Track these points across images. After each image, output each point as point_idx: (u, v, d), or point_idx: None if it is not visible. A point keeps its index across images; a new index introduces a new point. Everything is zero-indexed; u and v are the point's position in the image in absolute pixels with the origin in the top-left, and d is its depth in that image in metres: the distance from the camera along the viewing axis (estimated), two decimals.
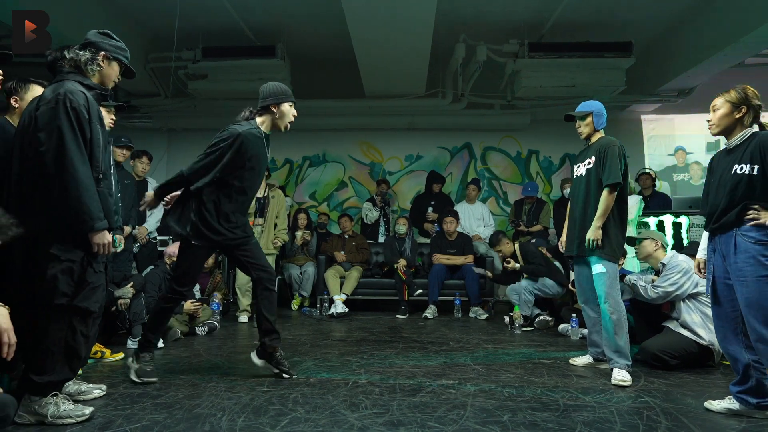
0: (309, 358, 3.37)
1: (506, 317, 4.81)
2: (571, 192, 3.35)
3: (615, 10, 5.73)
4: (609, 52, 5.88)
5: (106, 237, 2.17)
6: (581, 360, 3.31)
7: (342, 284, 5.58)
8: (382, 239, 6.53)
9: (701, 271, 2.59)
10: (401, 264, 5.62)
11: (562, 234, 3.42)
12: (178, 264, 2.85)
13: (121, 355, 3.32)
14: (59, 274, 2.08)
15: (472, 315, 5.33)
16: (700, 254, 2.61)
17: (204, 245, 2.78)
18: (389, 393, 2.60)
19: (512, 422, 2.19)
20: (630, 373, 2.88)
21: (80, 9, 5.08)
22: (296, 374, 2.92)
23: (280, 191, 5.44)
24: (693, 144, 7.79)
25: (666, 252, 3.52)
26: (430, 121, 7.50)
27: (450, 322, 5.07)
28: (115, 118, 3.18)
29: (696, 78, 6.31)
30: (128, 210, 4.18)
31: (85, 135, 2.14)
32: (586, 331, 3.39)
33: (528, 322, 4.67)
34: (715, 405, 2.39)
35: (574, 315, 4.23)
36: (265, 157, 2.90)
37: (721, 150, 2.51)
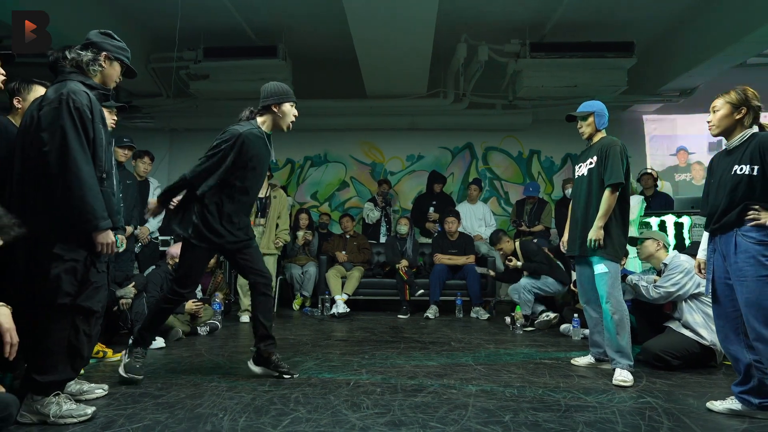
0: (310, 358, 3.37)
1: (507, 318, 4.81)
2: (572, 192, 3.35)
3: (616, 10, 5.72)
4: (610, 52, 5.87)
5: (110, 236, 2.18)
6: (583, 360, 3.30)
7: (343, 284, 5.58)
8: (383, 239, 6.52)
9: (701, 271, 2.60)
10: (403, 264, 5.62)
11: (564, 234, 3.41)
12: (179, 265, 2.84)
13: None
14: (63, 273, 2.08)
15: (473, 315, 5.33)
16: (700, 254, 2.62)
17: (205, 247, 2.77)
18: (391, 393, 2.60)
19: (514, 422, 2.19)
20: (632, 373, 2.87)
21: (82, 9, 5.09)
22: (297, 374, 2.92)
23: (282, 191, 5.44)
24: (695, 144, 7.77)
25: (668, 252, 3.52)
26: (431, 121, 7.49)
27: (451, 322, 5.07)
28: (116, 119, 3.19)
29: (698, 78, 6.30)
30: (130, 210, 4.19)
31: (89, 135, 2.15)
32: (588, 332, 3.39)
33: (528, 321, 4.66)
34: (717, 405, 2.38)
35: (576, 315, 4.23)
36: (266, 157, 2.90)
37: (720, 151, 2.52)
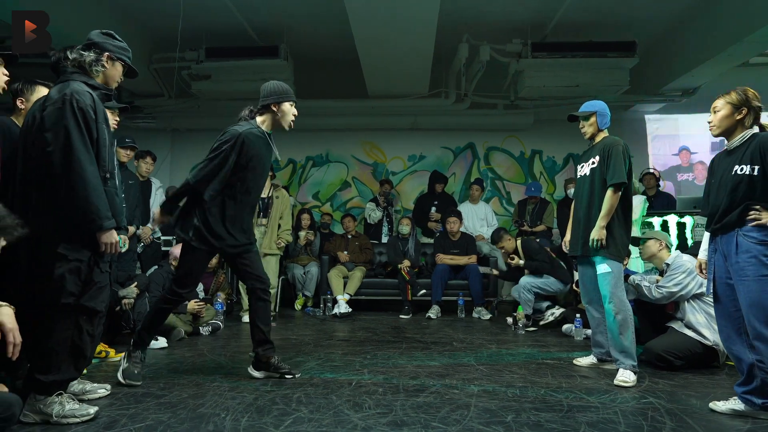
0: (312, 358, 3.37)
1: (509, 318, 4.80)
2: (575, 192, 3.35)
3: (618, 10, 5.71)
4: (612, 51, 5.87)
5: (114, 236, 2.18)
6: (585, 360, 3.30)
7: (345, 284, 5.59)
8: (385, 239, 6.53)
9: (702, 271, 2.61)
10: (405, 265, 5.62)
11: (566, 234, 3.41)
12: (179, 266, 2.84)
13: None
14: (67, 273, 2.08)
15: (475, 315, 5.33)
16: (701, 255, 2.63)
17: (205, 250, 2.77)
18: (392, 393, 2.60)
19: (516, 423, 2.19)
20: (635, 373, 2.86)
21: (84, 10, 5.10)
22: (299, 374, 2.93)
23: (285, 191, 5.44)
24: (697, 144, 7.76)
25: (670, 252, 3.51)
26: (433, 121, 7.49)
27: (453, 322, 5.06)
28: (119, 119, 3.20)
29: (700, 78, 6.29)
30: (132, 210, 4.19)
31: (92, 135, 2.15)
32: (590, 332, 3.38)
33: (530, 320, 4.66)
34: (719, 406, 2.38)
35: (578, 315, 4.22)
36: (267, 157, 2.89)
37: (721, 151, 2.53)
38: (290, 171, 7.94)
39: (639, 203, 4.87)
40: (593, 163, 3.11)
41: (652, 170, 6.33)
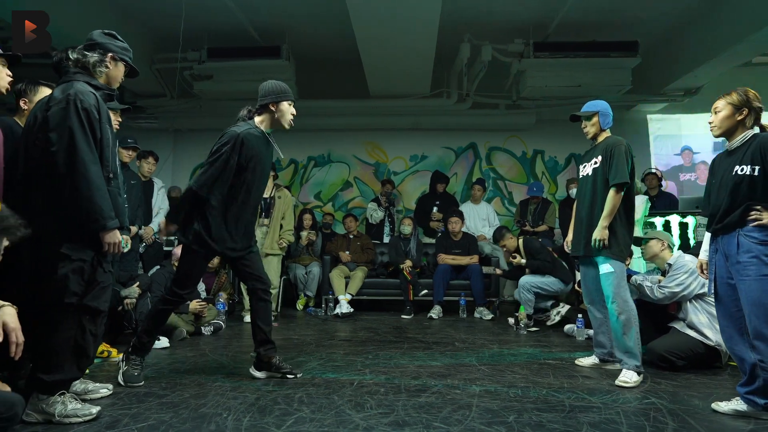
0: (314, 358, 3.37)
1: (511, 318, 4.80)
2: (577, 192, 3.34)
3: (620, 10, 5.70)
4: (614, 51, 5.87)
5: (117, 236, 2.19)
6: (587, 361, 3.29)
7: (347, 284, 5.59)
8: (387, 239, 6.53)
9: (703, 272, 2.62)
10: (407, 265, 5.62)
11: (568, 234, 3.40)
12: (179, 267, 2.83)
13: None
14: (70, 273, 2.09)
15: (477, 315, 5.32)
16: (702, 255, 2.64)
17: (204, 253, 2.76)
18: (394, 393, 2.60)
19: (518, 423, 2.19)
20: (639, 374, 2.85)
21: (85, 10, 5.11)
22: (301, 373, 2.93)
23: (287, 191, 5.44)
24: (700, 144, 7.75)
25: (672, 252, 3.51)
26: (434, 121, 7.50)
27: (455, 322, 5.06)
28: (120, 120, 3.20)
29: (702, 77, 6.28)
30: (134, 210, 4.20)
31: (96, 135, 2.16)
32: (592, 332, 3.38)
33: (531, 320, 4.65)
34: (722, 406, 2.37)
35: (580, 315, 4.22)
36: (266, 156, 2.88)
37: (722, 151, 2.55)
38: (292, 171, 7.95)
39: (641, 203, 4.86)
40: (596, 163, 3.10)
41: (654, 170, 6.32)
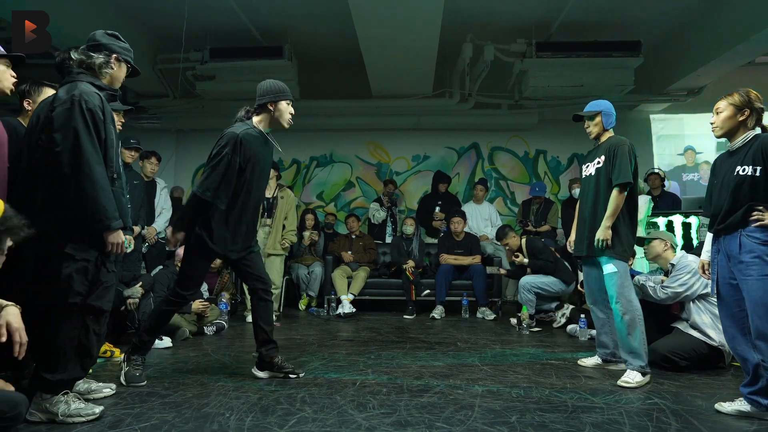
0: (316, 358, 3.38)
1: (513, 319, 4.79)
2: (580, 192, 3.33)
3: (623, 10, 5.69)
4: (617, 51, 5.85)
5: (121, 236, 2.20)
6: (590, 361, 3.28)
7: (349, 284, 5.59)
8: (389, 239, 6.53)
9: (705, 272, 2.63)
10: (410, 265, 5.61)
11: (571, 234, 3.40)
12: (182, 269, 2.84)
13: None
14: (74, 273, 2.10)
15: (479, 315, 5.32)
16: (704, 256, 2.64)
17: (206, 255, 2.76)
18: (397, 393, 2.60)
19: (520, 423, 2.19)
20: (644, 375, 2.83)
21: (88, 10, 5.12)
22: (303, 373, 2.93)
23: (290, 191, 5.43)
24: (702, 143, 7.73)
25: (675, 252, 3.50)
26: (437, 121, 7.49)
27: (457, 322, 5.06)
28: (123, 120, 3.21)
29: (705, 77, 6.26)
30: (137, 210, 4.20)
31: (101, 135, 2.17)
32: (595, 332, 3.37)
33: (533, 320, 4.65)
34: (725, 407, 2.36)
35: (583, 316, 4.21)
36: (265, 156, 2.86)
37: (723, 152, 2.55)
38: (294, 171, 7.95)
39: (644, 203, 4.85)
40: (599, 162, 3.09)
41: (656, 170, 6.31)
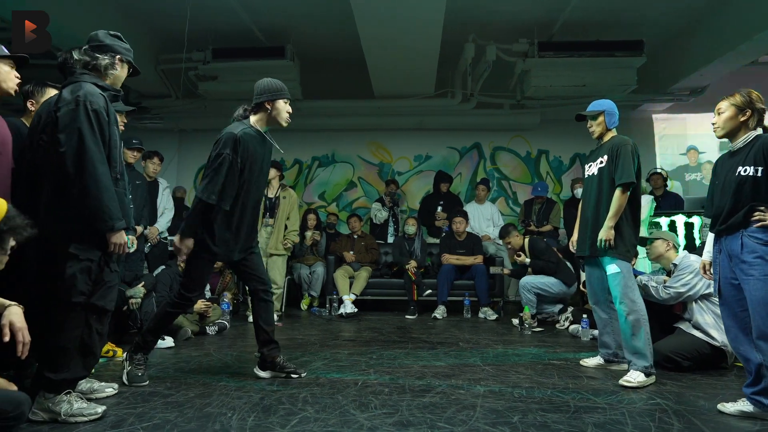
0: (318, 358, 3.38)
1: (514, 319, 4.79)
2: (582, 191, 3.32)
3: (625, 9, 5.68)
4: (620, 51, 5.84)
5: (123, 237, 2.21)
6: (592, 361, 3.28)
7: (351, 284, 5.59)
8: (391, 239, 6.53)
9: (706, 273, 2.63)
10: (412, 266, 5.61)
11: (573, 234, 3.39)
12: (185, 271, 2.84)
13: None
14: (78, 273, 2.11)
15: (481, 315, 5.31)
16: (705, 256, 2.64)
17: (209, 257, 2.76)
18: (399, 393, 2.60)
19: (522, 423, 2.18)
20: (649, 375, 2.81)
21: (91, 11, 5.13)
22: (305, 373, 2.93)
23: (292, 191, 5.42)
24: (705, 143, 7.71)
25: (678, 252, 3.49)
26: (439, 121, 7.49)
27: (459, 322, 5.06)
28: (126, 121, 3.22)
29: (708, 76, 6.24)
30: (139, 210, 4.21)
31: (105, 137, 2.18)
32: (597, 332, 3.36)
33: (534, 320, 4.64)
34: (728, 407, 2.36)
35: (585, 316, 4.20)
36: (262, 155, 2.85)
37: (725, 152, 2.56)
38: (296, 171, 7.96)
39: (646, 203, 4.84)
40: (601, 162, 3.08)
41: (659, 170, 6.29)
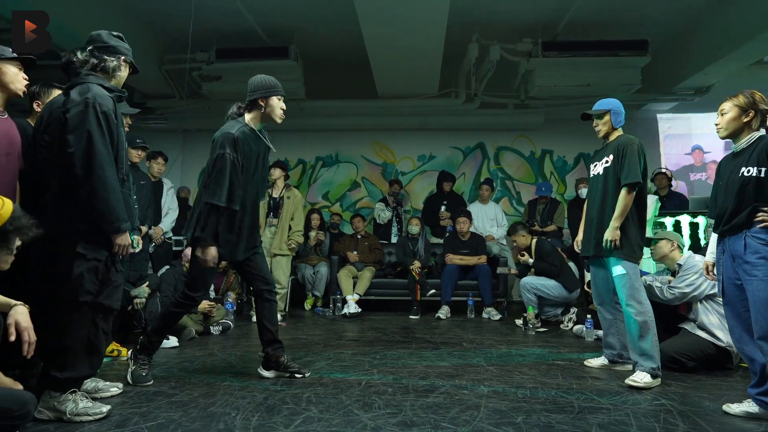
0: (322, 358, 3.38)
1: (518, 320, 4.78)
2: (587, 191, 3.31)
3: (630, 9, 5.66)
4: (624, 50, 5.81)
5: (128, 238, 2.23)
6: (596, 362, 3.27)
7: (355, 284, 5.59)
8: (394, 239, 6.53)
9: (709, 273, 2.63)
10: (416, 266, 5.61)
11: (578, 234, 3.38)
12: (190, 271, 2.85)
13: None
14: (86, 272, 2.12)
15: (485, 316, 5.31)
16: (709, 257, 2.64)
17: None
18: (402, 393, 2.60)
19: (526, 424, 2.18)
20: (655, 377, 2.79)
21: (96, 11, 5.15)
22: (309, 373, 2.94)
23: (297, 191, 5.42)
24: (710, 143, 7.67)
25: (682, 253, 3.48)
26: (442, 121, 7.48)
27: (463, 322, 5.05)
28: (131, 122, 3.23)
29: (713, 76, 6.20)
30: (144, 210, 4.23)
31: (113, 138, 2.19)
32: (601, 333, 3.36)
33: (538, 320, 4.63)
34: (733, 408, 2.35)
35: (589, 316, 4.19)
36: (257, 153, 2.84)
37: (728, 153, 2.56)
38: (300, 171, 7.96)
39: (651, 203, 4.81)
40: (607, 162, 3.06)
41: (664, 170, 6.27)
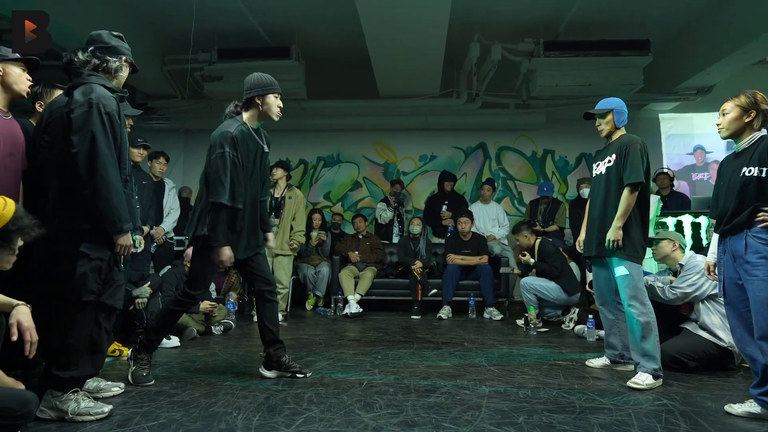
0: (323, 358, 3.38)
1: (519, 320, 4.78)
2: (590, 191, 3.30)
3: (631, 8, 5.65)
4: (626, 50, 5.81)
5: (130, 239, 2.24)
6: (598, 362, 3.27)
7: (356, 284, 5.60)
8: (396, 239, 6.53)
9: (710, 274, 2.63)
10: (417, 266, 5.61)
11: (580, 234, 3.37)
12: (191, 269, 2.87)
13: None
14: (89, 272, 2.13)
15: (486, 316, 5.31)
16: (710, 257, 2.64)
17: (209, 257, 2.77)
18: (403, 393, 2.60)
19: (528, 424, 2.18)
20: (657, 378, 2.79)
21: (97, 11, 5.15)
22: (310, 373, 2.94)
23: (299, 191, 5.42)
24: (712, 143, 7.64)
25: (684, 253, 3.48)
26: (444, 121, 7.47)
27: (464, 322, 5.05)
28: (132, 123, 3.24)
29: (715, 76, 6.19)
30: (146, 210, 4.24)
31: (117, 139, 2.19)
32: (603, 333, 3.35)
33: (539, 320, 4.63)
34: (735, 408, 2.35)
35: (591, 316, 4.19)
36: (257, 152, 2.85)
37: (729, 153, 2.57)
38: (301, 171, 7.97)
39: (653, 203, 4.81)
40: (609, 161, 3.05)
41: (666, 170, 6.26)
